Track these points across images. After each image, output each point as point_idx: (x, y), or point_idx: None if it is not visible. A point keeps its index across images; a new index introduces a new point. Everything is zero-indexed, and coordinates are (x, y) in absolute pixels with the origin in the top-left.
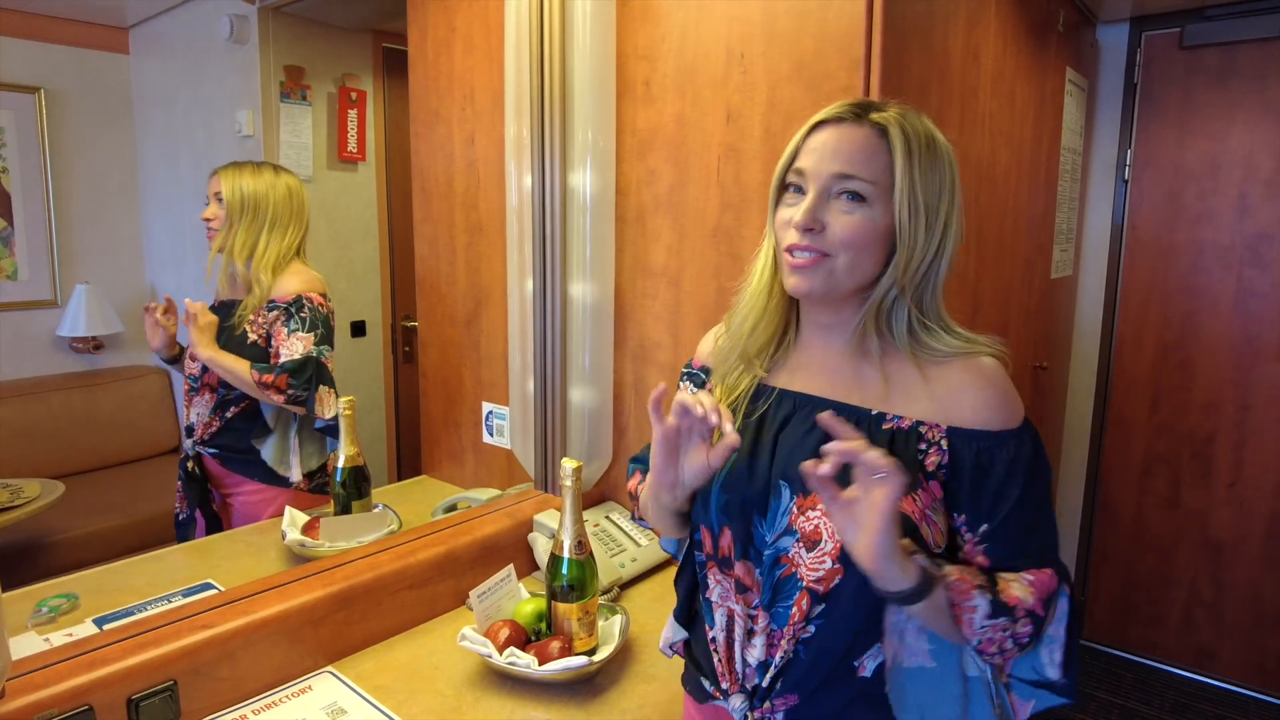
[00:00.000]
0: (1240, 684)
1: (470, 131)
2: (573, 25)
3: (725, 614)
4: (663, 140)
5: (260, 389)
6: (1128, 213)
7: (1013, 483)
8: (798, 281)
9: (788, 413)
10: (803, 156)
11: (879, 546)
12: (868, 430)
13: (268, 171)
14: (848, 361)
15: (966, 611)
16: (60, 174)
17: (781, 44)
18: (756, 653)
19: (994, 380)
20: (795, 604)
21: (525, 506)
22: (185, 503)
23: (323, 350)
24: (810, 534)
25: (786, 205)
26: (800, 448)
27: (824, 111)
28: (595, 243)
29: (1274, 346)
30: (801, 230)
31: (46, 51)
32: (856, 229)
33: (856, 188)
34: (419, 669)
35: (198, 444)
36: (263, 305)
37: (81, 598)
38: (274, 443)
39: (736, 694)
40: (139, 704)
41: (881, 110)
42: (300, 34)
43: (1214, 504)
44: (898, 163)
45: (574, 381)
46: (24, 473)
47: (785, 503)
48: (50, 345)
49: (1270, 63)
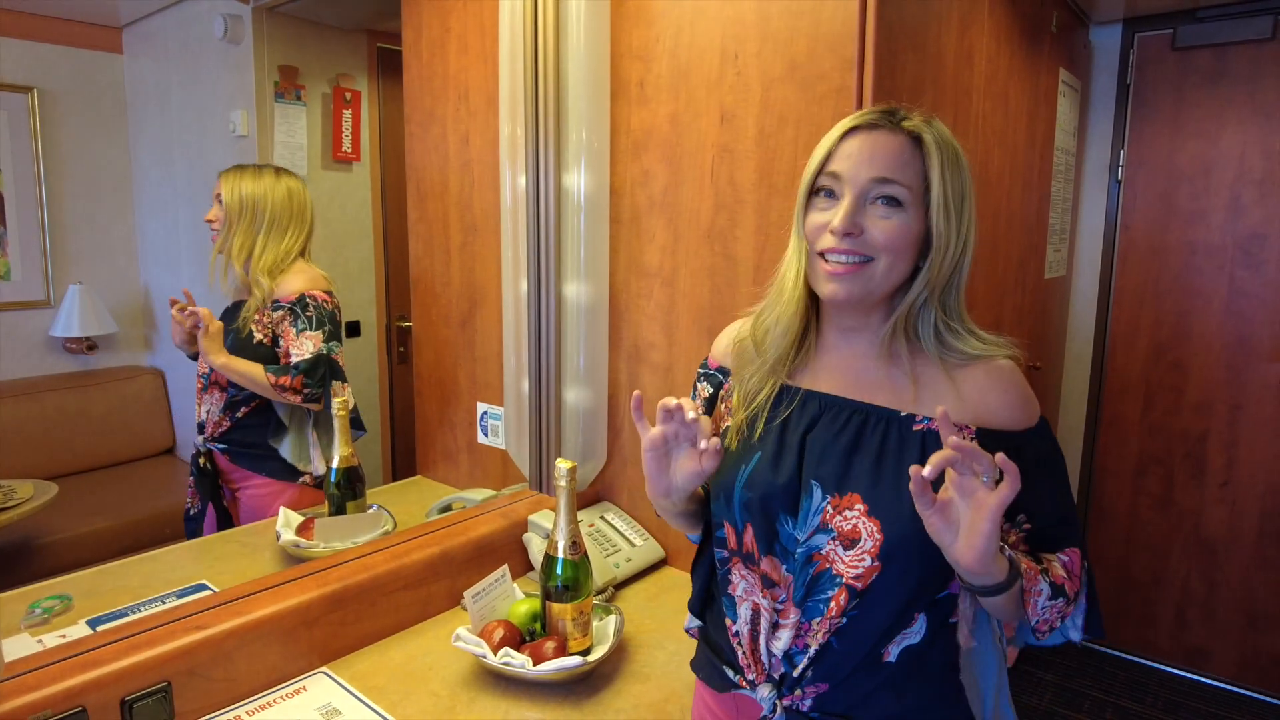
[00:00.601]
0: (1233, 682)
1: (465, 131)
2: (567, 26)
3: (750, 608)
4: (657, 141)
5: (277, 391)
6: (1121, 213)
7: (1041, 478)
8: (836, 288)
9: (814, 414)
10: (837, 160)
11: (987, 549)
12: (898, 432)
13: (268, 174)
14: (874, 364)
15: (1034, 595)
16: (53, 174)
17: (775, 45)
18: (781, 644)
19: (1015, 382)
20: (833, 599)
21: (520, 507)
22: (197, 498)
23: (332, 346)
24: (849, 533)
25: (819, 210)
26: (832, 448)
27: (855, 117)
28: (589, 243)
29: (1266, 346)
30: (841, 234)
31: (39, 51)
32: (896, 233)
33: (894, 192)
34: (413, 669)
35: (209, 440)
36: (266, 305)
37: (75, 599)
38: (291, 440)
39: (764, 684)
40: (133, 705)
41: (910, 118)
42: (294, 34)
43: (1206, 503)
44: (933, 169)
45: (569, 382)
46: (17, 474)
47: (818, 502)
48: (43, 346)
49: (1261, 64)
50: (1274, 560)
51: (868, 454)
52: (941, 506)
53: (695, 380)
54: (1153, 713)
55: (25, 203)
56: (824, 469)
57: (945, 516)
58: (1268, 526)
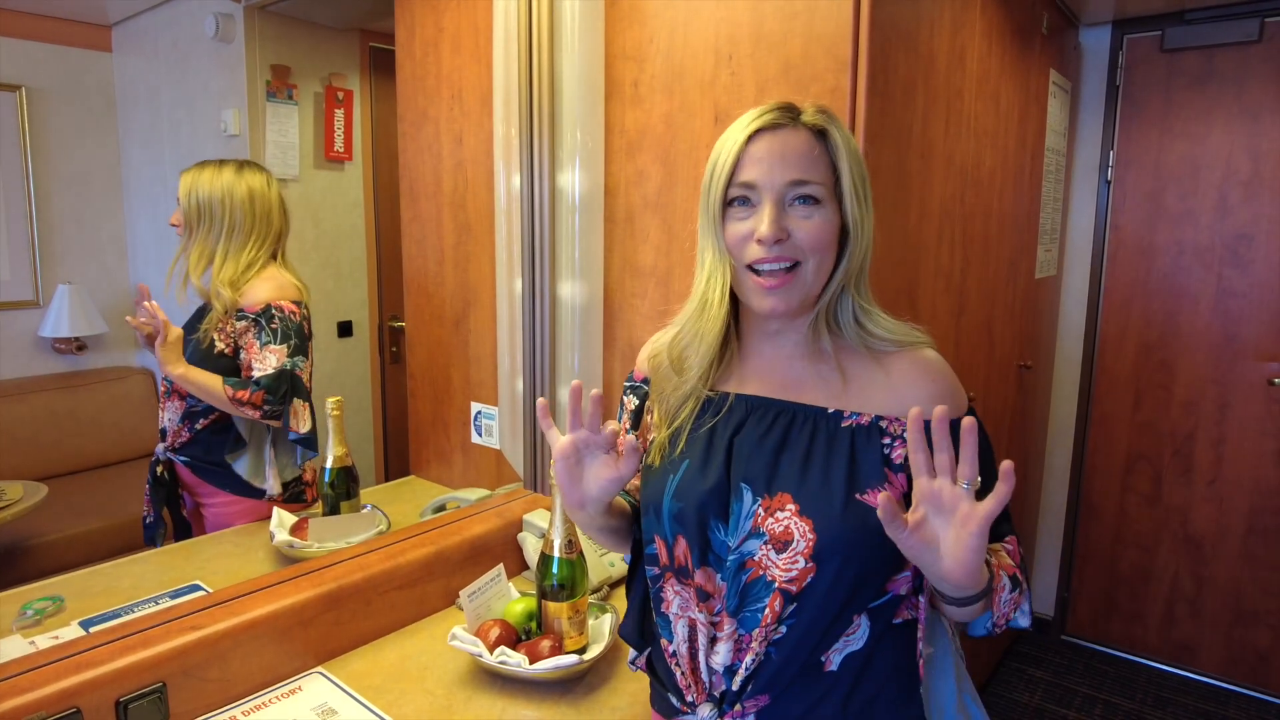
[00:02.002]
0: (1220, 678)
1: (458, 131)
2: (561, 26)
3: (686, 624)
4: (651, 141)
5: (235, 405)
6: (1110, 213)
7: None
8: (775, 302)
9: (741, 417)
10: (747, 167)
11: (977, 563)
12: (826, 429)
13: (229, 171)
14: (800, 362)
15: (1000, 592)
16: (42, 173)
17: (769, 45)
18: (720, 658)
19: (942, 372)
20: (767, 606)
21: (514, 506)
22: (151, 507)
23: (296, 362)
24: (780, 535)
25: (737, 220)
26: (759, 449)
27: (755, 119)
28: (584, 243)
29: (1253, 345)
30: (770, 242)
31: (27, 49)
32: (820, 231)
33: (812, 191)
34: (409, 669)
35: (169, 450)
36: (230, 314)
37: (67, 600)
38: (249, 457)
39: (704, 703)
40: (128, 706)
41: (804, 110)
42: (286, 33)
43: (1195, 501)
44: (841, 161)
45: (563, 381)
46: (6, 475)
47: (749, 505)
48: (32, 346)
49: (1248, 66)
50: (1261, 557)
51: (796, 452)
52: (916, 527)
53: (622, 394)
54: (1142, 708)
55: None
56: (752, 469)
57: (922, 536)
58: (1255, 523)
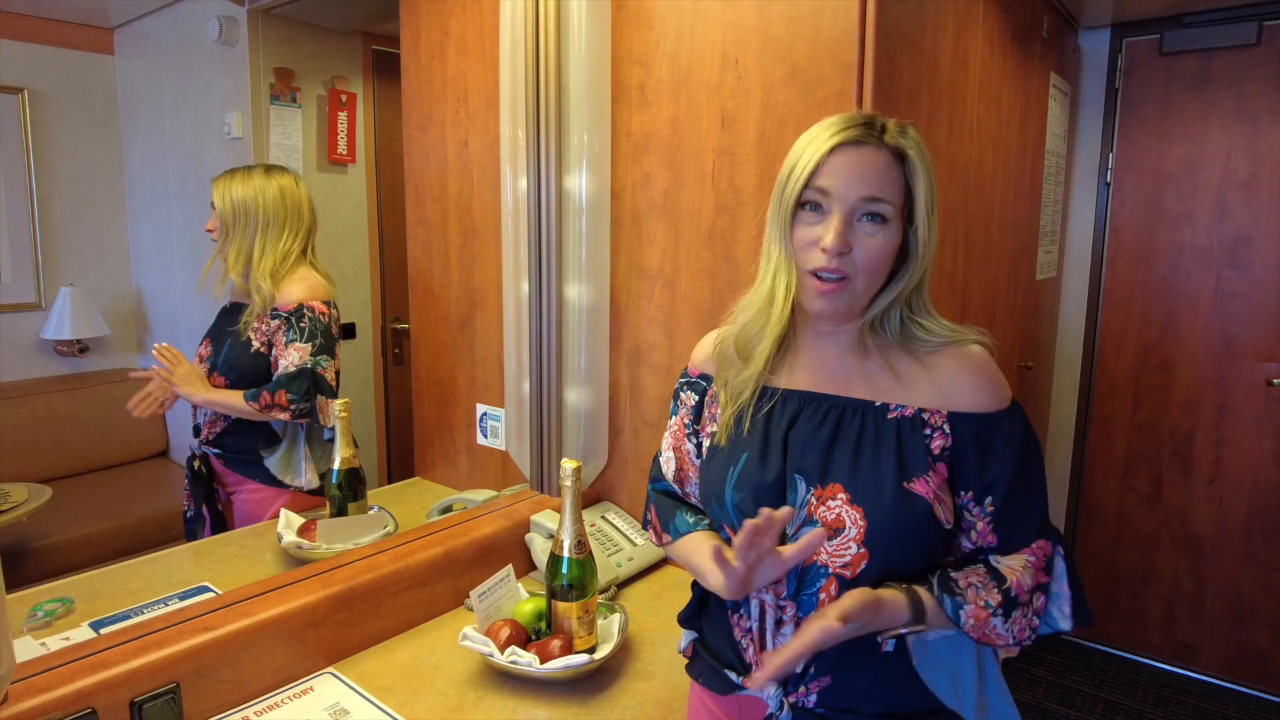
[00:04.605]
0: (1221, 677)
1: (464, 134)
2: (568, 30)
3: (758, 605)
4: (658, 144)
5: (264, 412)
6: (1109, 215)
7: (1010, 458)
8: (824, 305)
9: (795, 411)
10: (825, 176)
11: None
12: (874, 421)
13: (258, 174)
14: (849, 359)
15: (991, 632)
16: (44, 176)
17: (775, 49)
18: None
19: (984, 366)
20: (823, 590)
21: (522, 507)
22: (192, 500)
23: (319, 360)
24: (833, 523)
25: (806, 224)
26: (813, 442)
27: (838, 131)
28: (590, 245)
29: (1251, 346)
30: (834, 254)
31: (29, 52)
32: (879, 251)
33: (881, 210)
34: (420, 669)
35: (203, 444)
36: (266, 313)
37: (76, 602)
38: (282, 452)
39: (770, 682)
40: (142, 706)
41: (888, 128)
42: (290, 36)
43: (1194, 501)
44: (919, 186)
45: (569, 383)
46: (10, 477)
47: (802, 495)
48: (34, 348)
49: (1246, 69)
50: (1260, 557)
51: (847, 445)
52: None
53: (676, 393)
54: (1143, 707)
55: (16, 204)
56: (806, 462)
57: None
58: (1254, 523)
